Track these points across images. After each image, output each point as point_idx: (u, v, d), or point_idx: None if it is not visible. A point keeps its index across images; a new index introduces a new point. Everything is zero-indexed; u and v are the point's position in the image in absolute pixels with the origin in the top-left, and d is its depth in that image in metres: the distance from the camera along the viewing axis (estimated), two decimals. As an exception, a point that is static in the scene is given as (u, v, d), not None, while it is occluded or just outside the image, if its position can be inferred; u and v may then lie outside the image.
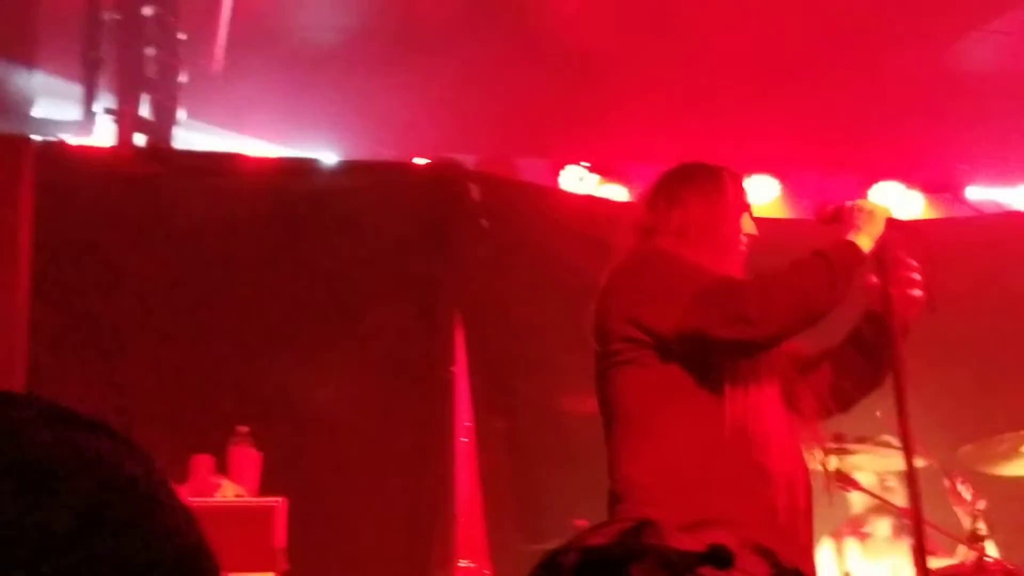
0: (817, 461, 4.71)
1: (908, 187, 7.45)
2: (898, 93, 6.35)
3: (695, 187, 3.69)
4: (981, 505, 5.24)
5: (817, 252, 3.36)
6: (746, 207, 3.71)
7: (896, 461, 5.28)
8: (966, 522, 5.46)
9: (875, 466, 5.62)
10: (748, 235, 3.66)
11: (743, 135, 6.75)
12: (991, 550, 5.28)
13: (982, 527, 5.22)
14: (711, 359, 3.37)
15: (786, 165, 7.28)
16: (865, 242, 3.41)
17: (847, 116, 6.68)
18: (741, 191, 3.73)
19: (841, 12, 5.83)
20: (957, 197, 7.28)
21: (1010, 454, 5.40)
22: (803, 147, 7.23)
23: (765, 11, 5.83)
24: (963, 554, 5.37)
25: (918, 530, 3.52)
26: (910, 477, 3.59)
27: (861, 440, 5.29)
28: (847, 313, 3.65)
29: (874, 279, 3.58)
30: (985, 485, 5.48)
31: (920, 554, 3.49)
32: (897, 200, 7.32)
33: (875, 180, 7.42)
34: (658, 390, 3.41)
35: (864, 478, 5.56)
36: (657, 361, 3.36)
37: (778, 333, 3.31)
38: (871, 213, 3.48)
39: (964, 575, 5.26)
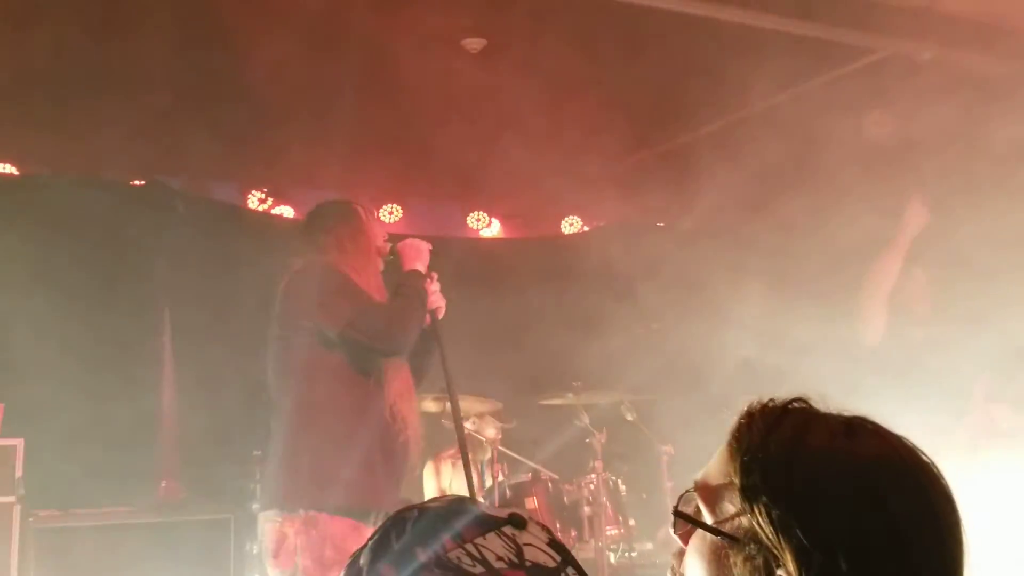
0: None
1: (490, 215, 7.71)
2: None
3: (341, 218, 4.15)
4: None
5: (405, 284, 3.92)
6: (379, 229, 4.18)
7: (480, 406, 5.75)
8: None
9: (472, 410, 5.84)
10: (383, 247, 4.07)
11: (375, 170, 6.83)
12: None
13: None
14: (363, 355, 3.81)
15: (406, 195, 7.45)
16: (421, 268, 3.97)
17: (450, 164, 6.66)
18: (373, 218, 4.25)
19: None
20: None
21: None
22: (416, 184, 7.34)
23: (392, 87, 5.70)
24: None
25: (464, 457, 3.93)
26: (456, 419, 4.06)
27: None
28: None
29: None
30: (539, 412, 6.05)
31: (466, 469, 3.91)
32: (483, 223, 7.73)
33: (470, 209, 7.66)
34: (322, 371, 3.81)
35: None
36: (323, 350, 3.78)
37: (404, 346, 3.86)
38: (418, 248, 4.02)
39: (526, 485, 5.56)
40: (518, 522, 1.14)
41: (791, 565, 1.09)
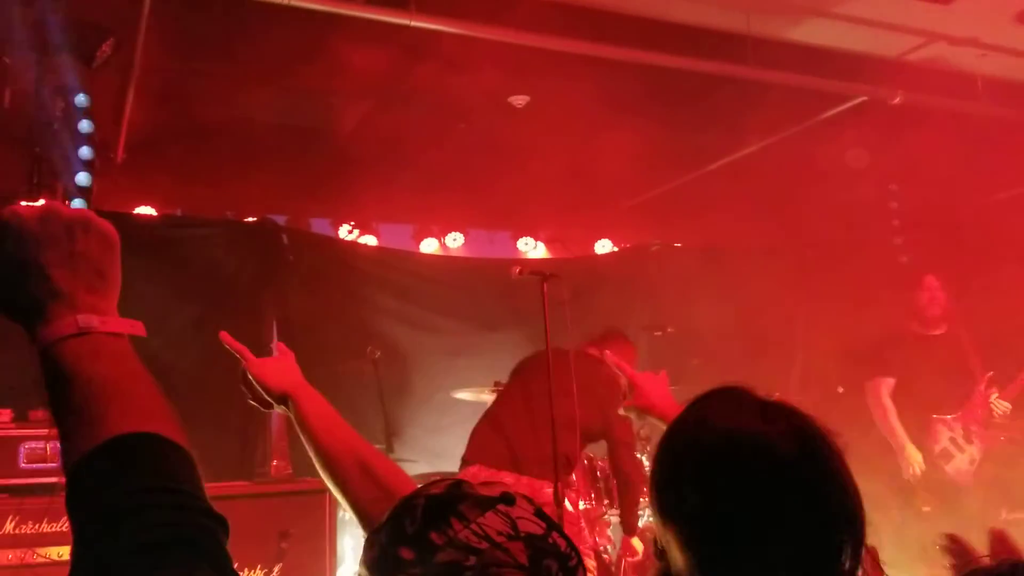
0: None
1: (535, 240, 7.68)
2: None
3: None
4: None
5: None
6: None
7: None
8: None
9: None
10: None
11: (442, 204, 6.94)
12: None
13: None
14: None
15: (466, 224, 7.46)
16: None
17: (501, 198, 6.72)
18: None
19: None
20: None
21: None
22: (475, 215, 7.39)
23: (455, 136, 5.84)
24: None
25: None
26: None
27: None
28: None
29: None
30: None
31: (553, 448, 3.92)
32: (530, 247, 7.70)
33: (519, 236, 7.64)
34: None
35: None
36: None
37: None
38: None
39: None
40: (509, 499, 1.13)
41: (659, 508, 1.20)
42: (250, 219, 6.40)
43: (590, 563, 4.06)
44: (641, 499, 5.30)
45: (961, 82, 5.53)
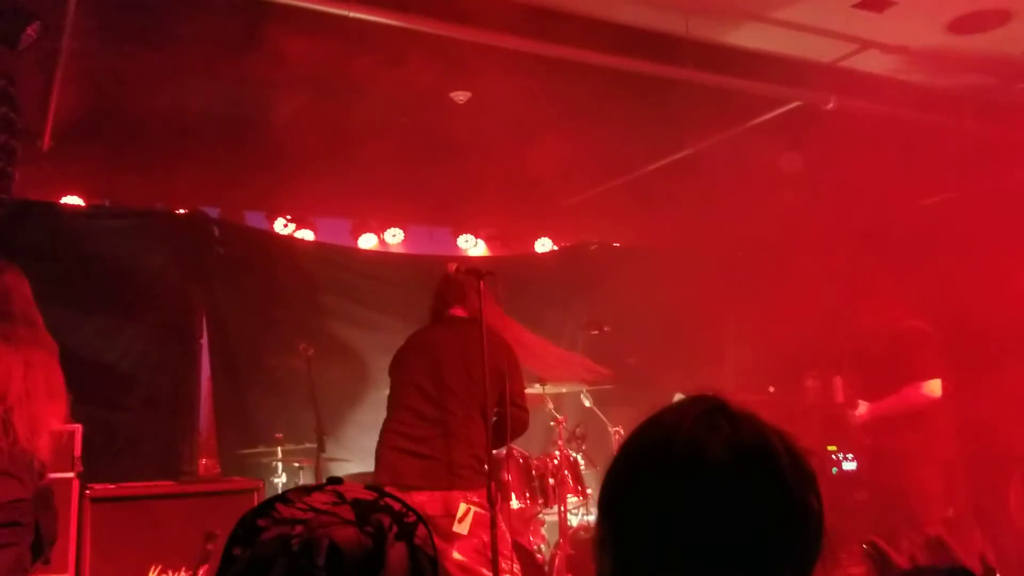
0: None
1: (476, 237, 7.63)
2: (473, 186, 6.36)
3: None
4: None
5: None
6: None
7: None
8: None
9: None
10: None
11: (381, 199, 6.83)
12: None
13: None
14: None
15: (406, 220, 7.39)
16: None
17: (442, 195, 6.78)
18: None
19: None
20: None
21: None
22: (415, 212, 7.36)
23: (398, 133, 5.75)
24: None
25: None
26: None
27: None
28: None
29: None
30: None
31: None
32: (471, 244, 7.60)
33: (459, 233, 7.58)
34: None
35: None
36: None
37: None
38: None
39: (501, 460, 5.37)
40: (336, 480, 1.17)
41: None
42: (180, 211, 6.28)
43: (508, 564, 3.95)
44: (573, 496, 5.36)
45: (892, 88, 5.65)
